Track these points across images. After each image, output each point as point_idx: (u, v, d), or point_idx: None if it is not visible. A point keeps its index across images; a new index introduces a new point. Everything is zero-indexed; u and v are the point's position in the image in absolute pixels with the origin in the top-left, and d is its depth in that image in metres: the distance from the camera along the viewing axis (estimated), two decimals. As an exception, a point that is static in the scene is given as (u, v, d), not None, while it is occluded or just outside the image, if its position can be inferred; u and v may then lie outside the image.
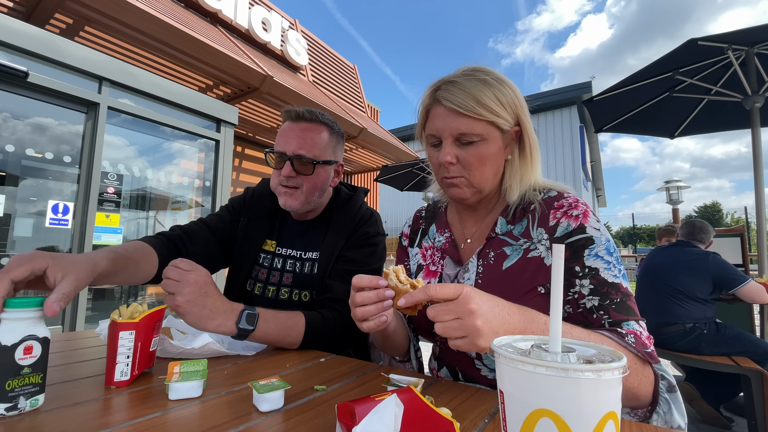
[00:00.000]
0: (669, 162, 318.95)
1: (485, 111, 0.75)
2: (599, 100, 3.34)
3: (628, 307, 0.69)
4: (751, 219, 23.67)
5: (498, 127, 0.78)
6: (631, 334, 0.65)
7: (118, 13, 3.13)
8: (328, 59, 6.79)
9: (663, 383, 0.66)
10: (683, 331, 2.36)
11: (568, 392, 0.30)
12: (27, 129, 2.53)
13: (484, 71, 0.80)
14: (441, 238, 0.95)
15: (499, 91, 0.77)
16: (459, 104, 0.75)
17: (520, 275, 0.78)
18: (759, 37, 2.63)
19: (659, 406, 0.64)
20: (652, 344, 0.67)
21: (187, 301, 0.77)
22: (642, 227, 51.45)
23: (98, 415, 0.54)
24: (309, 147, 1.11)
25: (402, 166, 5.98)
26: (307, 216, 1.23)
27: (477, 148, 0.78)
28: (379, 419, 0.40)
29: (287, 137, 1.12)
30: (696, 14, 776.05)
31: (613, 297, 0.70)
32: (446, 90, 0.78)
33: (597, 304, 0.70)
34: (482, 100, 0.75)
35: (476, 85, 0.76)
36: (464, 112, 0.75)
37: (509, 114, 0.79)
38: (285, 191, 1.12)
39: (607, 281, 0.71)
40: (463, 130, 0.77)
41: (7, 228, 2.42)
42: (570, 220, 0.76)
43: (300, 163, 1.11)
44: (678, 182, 8.94)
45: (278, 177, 1.12)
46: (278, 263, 1.19)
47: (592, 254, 0.73)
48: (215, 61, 3.84)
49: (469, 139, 0.77)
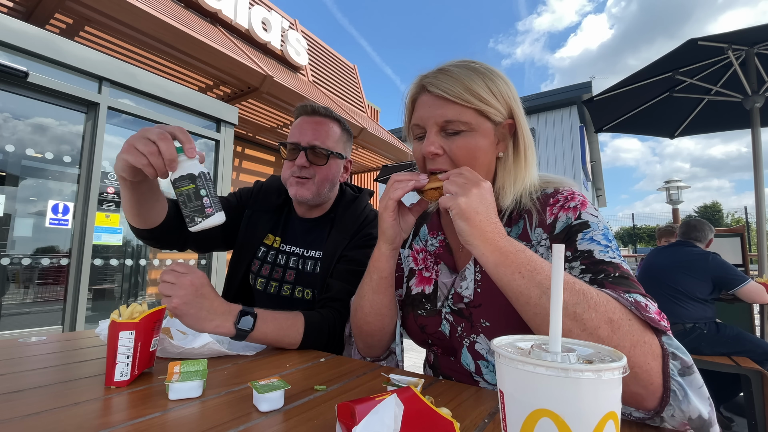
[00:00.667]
0: (669, 162, 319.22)
1: (474, 98, 0.70)
2: (599, 100, 3.35)
3: (630, 282, 0.61)
4: (751, 219, 23.67)
5: (489, 117, 0.73)
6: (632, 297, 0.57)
7: (118, 13, 3.13)
8: (328, 59, 6.79)
9: (674, 363, 0.53)
10: (683, 331, 2.36)
11: (568, 392, 0.30)
12: (27, 129, 2.53)
13: (476, 62, 0.76)
14: (434, 241, 0.90)
15: (491, 81, 0.73)
16: (446, 89, 0.71)
17: None
18: (759, 37, 2.63)
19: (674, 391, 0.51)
20: (664, 320, 0.55)
21: (184, 303, 0.77)
22: (642, 227, 51.44)
23: (98, 415, 0.54)
24: (323, 138, 1.15)
25: (402, 166, 5.98)
26: (313, 213, 1.24)
27: (465, 139, 0.72)
28: (379, 419, 0.40)
29: (302, 129, 1.15)
30: (696, 14, 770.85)
31: (610, 272, 0.62)
32: (434, 77, 0.73)
33: (588, 280, 0.62)
34: (471, 86, 0.70)
35: (466, 72, 0.72)
36: (452, 98, 0.71)
37: (501, 104, 0.73)
38: (297, 181, 1.14)
39: (603, 260, 0.63)
40: (449, 117, 0.71)
41: (7, 228, 2.42)
42: (568, 213, 0.72)
43: (314, 153, 1.14)
44: (678, 182, 8.93)
45: (290, 168, 1.14)
46: (282, 260, 1.20)
47: (587, 238, 0.67)
48: (215, 61, 3.84)
49: (456, 128, 0.72)
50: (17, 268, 2.47)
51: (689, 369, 0.53)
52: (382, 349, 0.89)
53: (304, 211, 1.24)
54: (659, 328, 0.54)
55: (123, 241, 2.90)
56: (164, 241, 1.08)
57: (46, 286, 2.57)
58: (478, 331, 0.74)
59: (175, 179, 0.75)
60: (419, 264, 0.90)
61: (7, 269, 2.42)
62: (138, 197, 0.90)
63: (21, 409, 0.55)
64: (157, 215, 0.98)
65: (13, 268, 2.45)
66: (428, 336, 0.83)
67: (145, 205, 0.93)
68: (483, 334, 0.74)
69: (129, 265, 3.08)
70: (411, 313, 0.86)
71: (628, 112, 3.59)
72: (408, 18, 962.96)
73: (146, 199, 0.92)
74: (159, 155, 0.73)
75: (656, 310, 0.56)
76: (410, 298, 0.87)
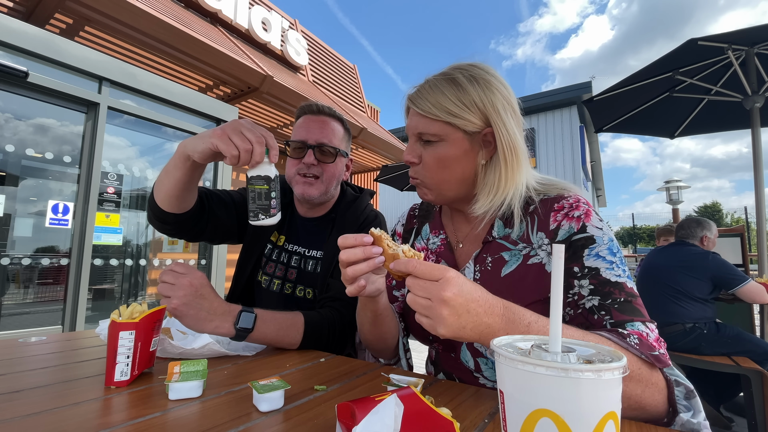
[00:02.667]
0: (670, 162, 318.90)
1: (440, 111, 0.75)
2: (599, 100, 3.34)
3: (634, 307, 0.64)
4: (751, 219, 23.68)
5: (458, 128, 0.76)
6: (635, 335, 0.60)
7: (118, 13, 3.13)
8: (328, 59, 6.79)
9: (679, 390, 0.59)
10: (683, 331, 2.36)
11: (568, 392, 0.30)
12: (27, 129, 2.53)
13: (461, 69, 0.78)
14: (435, 239, 0.92)
15: (464, 92, 0.75)
16: (418, 105, 0.78)
17: (520, 283, 0.74)
18: (759, 37, 2.63)
19: (678, 417, 0.58)
20: (663, 347, 0.61)
21: (184, 304, 0.77)
22: (642, 227, 51.44)
23: (98, 415, 0.54)
24: (330, 137, 1.16)
25: (402, 166, 5.97)
26: (315, 212, 1.24)
27: (435, 149, 0.78)
28: (379, 419, 0.40)
29: (308, 128, 1.16)
30: (696, 16, 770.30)
31: (616, 296, 0.65)
32: (414, 90, 0.81)
33: (597, 304, 0.66)
34: (440, 100, 0.75)
35: (443, 84, 0.77)
36: (422, 113, 0.78)
37: (473, 115, 0.75)
38: (304, 181, 1.14)
39: (610, 281, 0.66)
40: (420, 129, 0.79)
41: (7, 228, 2.41)
42: (572, 222, 0.73)
43: (321, 152, 1.15)
44: (678, 182, 8.93)
45: (296, 166, 1.15)
46: (285, 258, 1.21)
47: (593, 254, 0.69)
48: (215, 61, 3.83)
49: (427, 138, 0.78)
50: (17, 268, 2.47)
51: (692, 393, 0.59)
52: (391, 356, 0.91)
53: (306, 210, 1.24)
54: (662, 366, 0.59)
55: (123, 241, 2.90)
56: (185, 229, 1.09)
57: (46, 286, 2.57)
58: None
59: (253, 177, 0.82)
60: None
61: (7, 269, 2.42)
62: (188, 179, 0.92)
63: (21, 409, 0.55)
64: (191, 201, 1.02)
65: (13, 268, 2.45)
66: (428, 332, 0.84)
67: (188, 188, 0.96)
68: None
69: (129, 265, 3.08)
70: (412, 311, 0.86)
71: (628, 112, 3.59)
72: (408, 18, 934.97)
73: (193, 185, 0.97)
74: (250, 153, 0.79)
75: (656, 336, 0.62)
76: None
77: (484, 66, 0.79)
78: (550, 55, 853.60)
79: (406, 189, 6.67)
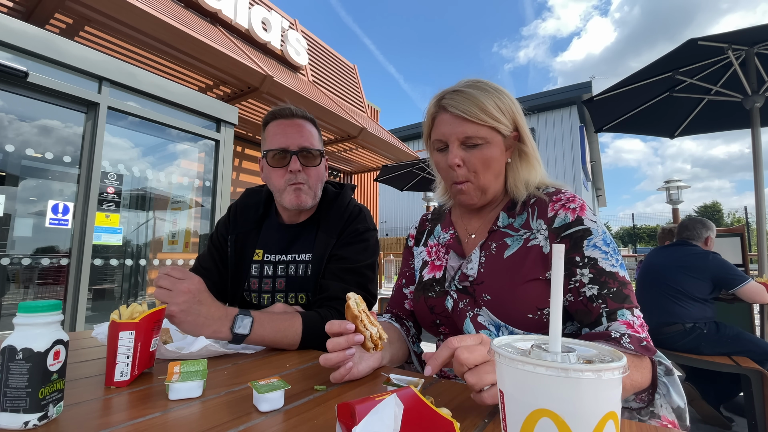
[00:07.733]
0: (671, 162, 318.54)
1: (487, 117, 0.82)
2: (599, 100, 3.34)
3: (624, 295, 0.74)
4: (751, 219, 23.67)
5: (499, 131, 0.85)
6: (626, 333, 0.69)
7: (118, 13, 3.13)
8: (328, 59, 6.79)
9: (660, 368, 0.72)
10: (683, 331, 2.36)
11: (568, 392, 0.30)
12: (27, 129, 2.53)
13: (484, 82, 0.87)
14: (446, 235, 1.00)
15: (499, 100, 0.84)
16: (464, 110, 0.82)
17: (520, 263, 0.82)
18: (759, 37, 2.63)
19: (658, 389, 0.70)
20: (645, 331, 0.71)
21: (181, 310, 0.76)
22: (642, 227, 51.44)
23: (98, 415, 0.54)
24: (311, 139, 1.15)
25: (402, 166, 5.97)
26: (301, 217, 1.21)
27: (481, 151, 0.84)
28: (379, 419, 0.40)
29: (286, 134, 1.12)
30: (698, 19, 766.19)
31: (611, 286, 0.74)
32: (451, 98, 0.85)
33: (596, 293, 0.75)
34: (485, 107, 0.82)
35: (478, 93, 0.83)
36: (469, 118, 0.82)
37: (508, 120, 0.85)
38: (295, 188, 1.11)
39: (605, 270, 0.75)
40: (469, 133, 0.83)
41: (7, 228, 2.42)
42: (567, 212, 0.82)
43: (305, 156, 1.12)
44: (678, 182, 8.92)
45: (284, 176, 1.11)
46: (269, 270, 1.17)
47: (591, 245, 0.78)
48: (215, 61, 3.84)
49: (474, 141, 0.84)
50: (17, 268, 2.47)
51: (671, 371, 0.72)
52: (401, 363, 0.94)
53: (292, 216, 1.20)
54: (651, 354, 0.69)
55: (123, 241, 2.90)
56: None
57: (46, 286, 2.57)
58: (480, 304, 0.84)
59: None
60: (432, 256, 1.00)
61: (7, 269, 2.42)
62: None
63: (21, 409, 0.55)
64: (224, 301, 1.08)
65: (13, 268, 2.45)
66: (436, 316, 0.92)
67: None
68: (485, 307, 0.83)
69: (129, 265, 3.08)
70: (422, 296, 0.94)
71: (628, 111, 3.59)
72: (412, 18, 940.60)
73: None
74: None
75: (640, 323, 0.71)
76: (422, 284, 0.96)
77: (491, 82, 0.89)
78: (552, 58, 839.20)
79: (406, 189, 6.67)
